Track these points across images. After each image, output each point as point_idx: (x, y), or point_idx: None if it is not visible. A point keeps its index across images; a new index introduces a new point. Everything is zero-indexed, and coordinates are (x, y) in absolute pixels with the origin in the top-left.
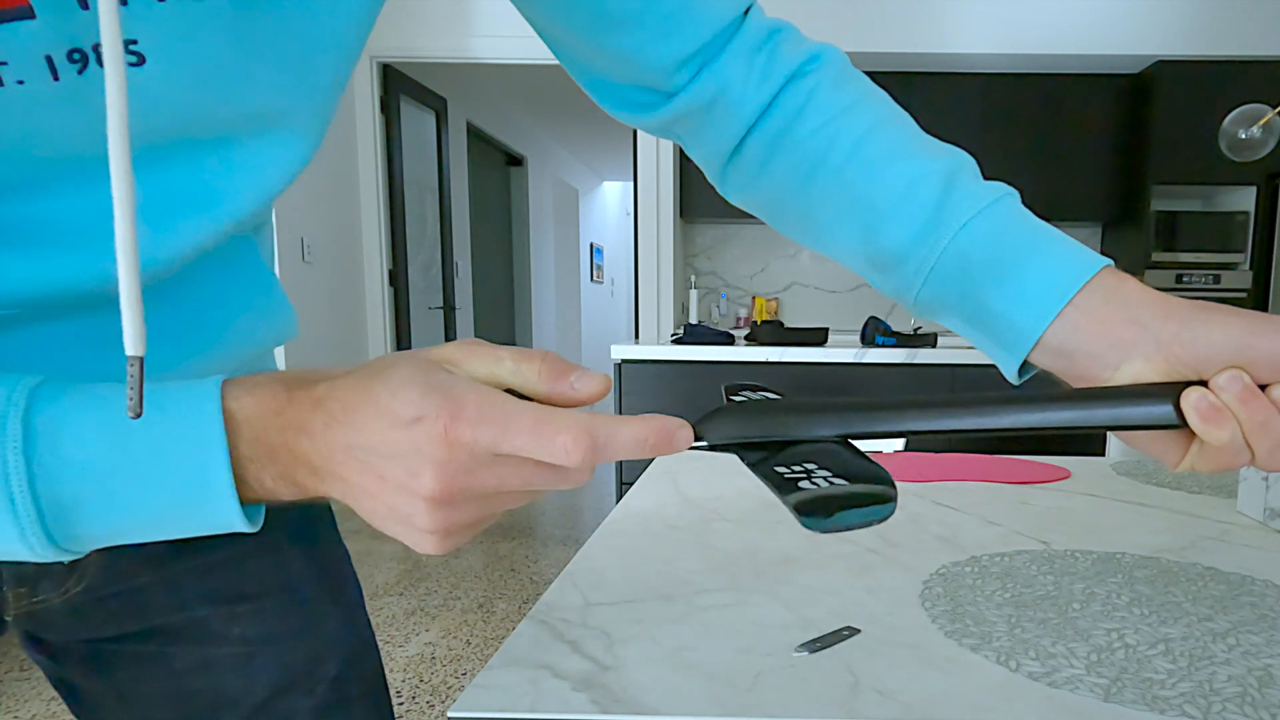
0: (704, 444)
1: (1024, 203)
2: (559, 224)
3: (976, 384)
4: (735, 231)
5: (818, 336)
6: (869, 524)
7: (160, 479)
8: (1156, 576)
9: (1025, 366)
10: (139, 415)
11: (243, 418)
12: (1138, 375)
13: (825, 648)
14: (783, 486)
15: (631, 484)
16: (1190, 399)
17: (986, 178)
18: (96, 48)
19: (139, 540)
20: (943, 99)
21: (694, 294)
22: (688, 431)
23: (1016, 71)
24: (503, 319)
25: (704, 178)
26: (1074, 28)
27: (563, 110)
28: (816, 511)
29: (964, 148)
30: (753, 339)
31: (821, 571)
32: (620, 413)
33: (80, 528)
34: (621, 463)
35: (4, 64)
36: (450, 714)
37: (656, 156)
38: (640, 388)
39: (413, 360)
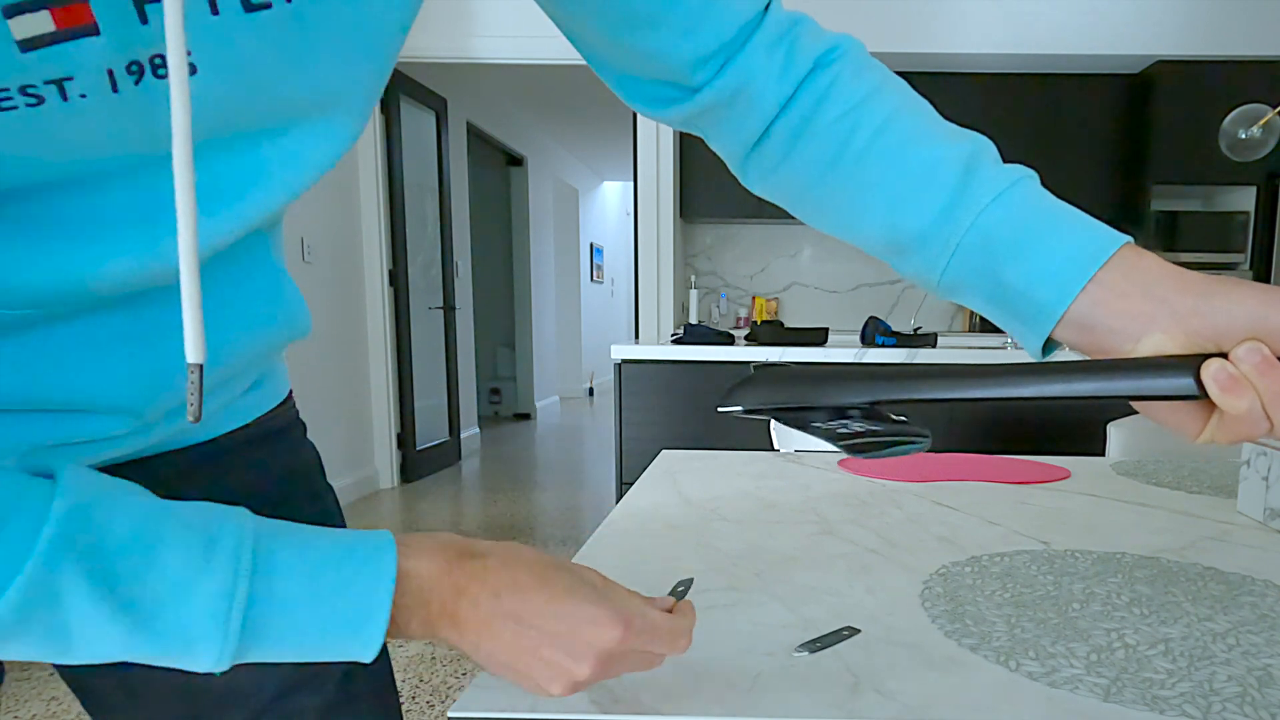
0: (739, 409)
1: None
2: (559, 224)
3: None
4: (735, 231)
5: (818, 336)
6: (906, 454)
7: (334, 615)
8: (1156, 576)
9: (1049, 343)
10: (198, 420)
11: (414, 574)
12: (1158, 348)
13: (825, 648)
14: (830, 435)
15: (631, 484)
16: (1210, 370)
17: None
18: (152, 59)
19: (275, 660)
20: (943, 99)
21: (694, 294)
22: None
23: (1016, 71)
24: (503, 319)
25: (704, 178)
26: (1074, 28)
27: (563, 110)
28: (862, 447)
29: None
30: (753, 339)
31: (821, 571)
32: (620, 413)
33: (252, 652)
34: (621, 463)
35: (70, 79)
36: (450, 714)
37: (656, 156)
38: (640, 388)
39: (573, 571)
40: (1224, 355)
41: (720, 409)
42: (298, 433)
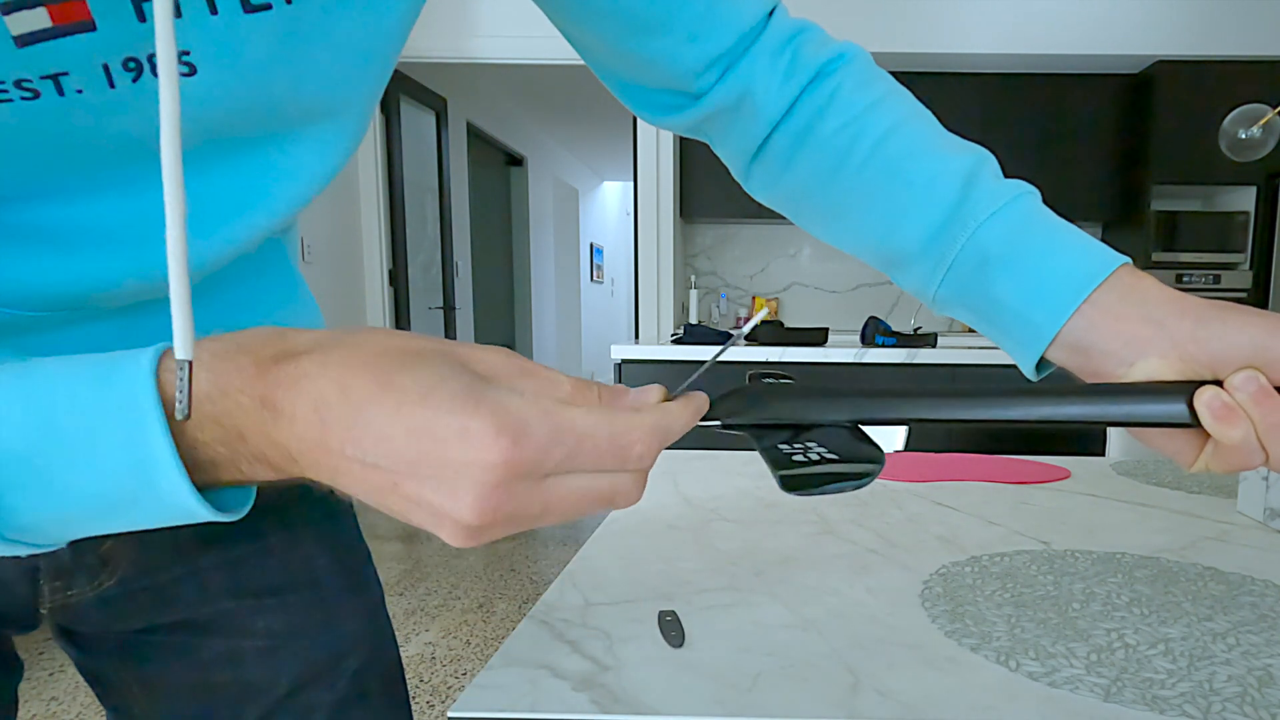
0: (717, 423)
1: None
2: (559, 224)
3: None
4: (735, 231)
5: (818, 336)
6: (841, 492)
7: (96, 463)
8: (1156, 576)
9: (1042, 363)
10: (189, 418)
11: (199, 396)
12: (1152, 373)
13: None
14: (777, 461)
15: None
16: (1203, 398)
17: None
18: (151, 57)
19: (101, 531)
20: (943, 99)
21: (694, 294)
22: (706, 398)
23: (1016, 71)
24: (503, 319)
25: (704, 177)
26: (1074, 28)
27: (563, 110)
28: (796, 484)
29: None
30: (753, 339)
31: (821, 571)
32: None
33: (21, 517)
34: None
35: (65, 74)
36: (450, 714)
37: (656, 156)
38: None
39: (445, 359)
40: (1219, 383)
41: (699, 423)
42: None
